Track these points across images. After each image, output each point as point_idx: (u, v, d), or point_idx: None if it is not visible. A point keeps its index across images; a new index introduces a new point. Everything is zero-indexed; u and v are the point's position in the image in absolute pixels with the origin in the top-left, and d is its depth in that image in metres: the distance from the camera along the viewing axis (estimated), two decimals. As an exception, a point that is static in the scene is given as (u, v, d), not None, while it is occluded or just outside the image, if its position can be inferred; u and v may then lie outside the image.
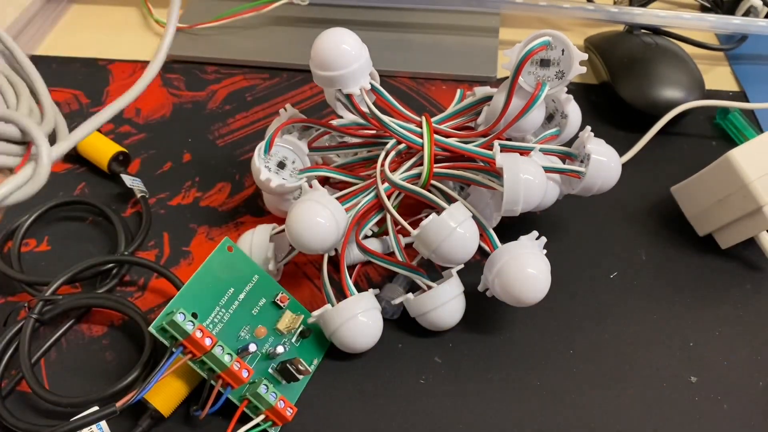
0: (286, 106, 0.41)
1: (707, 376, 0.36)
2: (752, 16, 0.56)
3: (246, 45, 0.56)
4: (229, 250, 0.36)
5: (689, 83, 0.49)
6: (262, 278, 0.37)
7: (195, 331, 0.31)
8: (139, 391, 0.31)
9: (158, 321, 0.32)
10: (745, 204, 0.38)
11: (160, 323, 0.32)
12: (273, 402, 0.33)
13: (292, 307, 0.37)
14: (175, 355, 0.32)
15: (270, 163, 0.38)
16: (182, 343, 0.32)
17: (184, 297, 0.33)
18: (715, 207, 0.40)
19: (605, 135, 0.41)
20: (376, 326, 0.36)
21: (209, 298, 0.34)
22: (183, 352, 0.32)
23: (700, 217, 0.42)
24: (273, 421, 0.33)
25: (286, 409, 0.33)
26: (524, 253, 0.34)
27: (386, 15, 0.59)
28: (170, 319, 0.31)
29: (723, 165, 0.39)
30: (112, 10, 0.61)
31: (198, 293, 0.34)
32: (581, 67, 0.36)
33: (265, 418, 0.33)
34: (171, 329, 0.31)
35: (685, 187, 0.42)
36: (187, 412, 0.34)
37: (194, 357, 0.32)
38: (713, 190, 0.40)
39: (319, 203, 0.34)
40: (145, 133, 0.49)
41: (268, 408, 0.33)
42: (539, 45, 0.36)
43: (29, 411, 0.35)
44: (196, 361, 0.32)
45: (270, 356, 0.35)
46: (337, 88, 0.36)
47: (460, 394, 0.36)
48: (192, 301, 0.34)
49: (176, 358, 0.32)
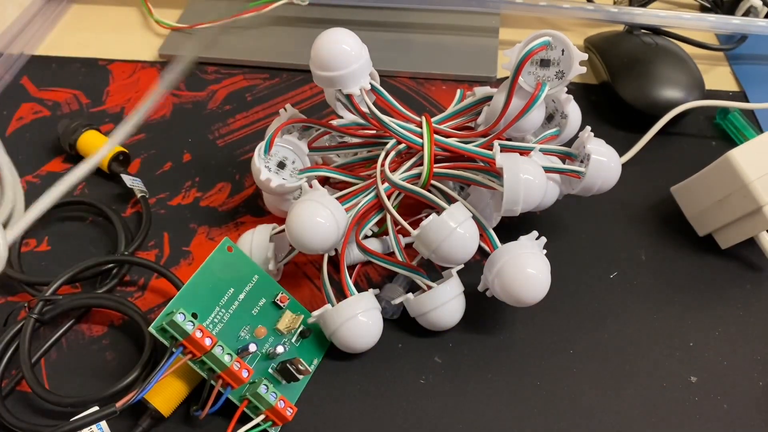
0: (286, 106, 0.41)
1: (707, 376, 0.36)
2: (752, 16, 0.56)
3: (246, 45, 0.56)
4: (228, 250, 0.36)
5: (689, 83, 0.49)
6: (262, 278, 0.37)
7: (195, 331, 0.31)
8: (139, 392, 0.31)
9: (158, 321, 0.32)
10: (745, 204, 0.38)
11: (160, 323, 0.32)
12: (273, 402, 0.33)
13: (292, 307, 0.37)
14: (175, 355, 0.32)
15: (270, 163, 0.38)
16: (182, 343, 0.32)
17: (184, 297, 0.33)
18: (715, 207, 0.40)
19: (605, 135, 0.41)
20: (376, 326, 0.36)
21: (209, 299, 0.34)
22: (183, 352, 0.32)
23: (700, 217, 0.42)
24: (273, 421, 0.33)
25: (286, 409, 0.33)
26: (524, 253, 0.34)
27: (386, 15, 0.59)
28: (170, 320, 0.31)
29: (723, 165, 0.39)
30: (112, 10, 0.61)
31: (198, 293, 0.34)
32: (581, 67, 0.36)
33: (265, 418, 0.33)
34: (171, 329, 0.31)
35: (685, 187, 0.42)
36: (187, 412, 0.34)
37: (194, 357, 0.32)
38: (713, 190, 0.40)
39: (319, 203, 0.34)
40: (145, 133, 0.49)
41: (268, 408, 0.33)
42: (539, 45, 0.36)
43: (29, 411, 0.35)
44: (196, 361, 0.32)
45: (270, 356, 0.35)
46: (337, 88, 0.36)
47: (460, 394, 0.36)
48: (192, 301, 0.34)
49: (176, 358, 0.32)
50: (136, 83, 0.53)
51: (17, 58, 0.55)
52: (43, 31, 0.58)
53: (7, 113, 0.51)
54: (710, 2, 0.60)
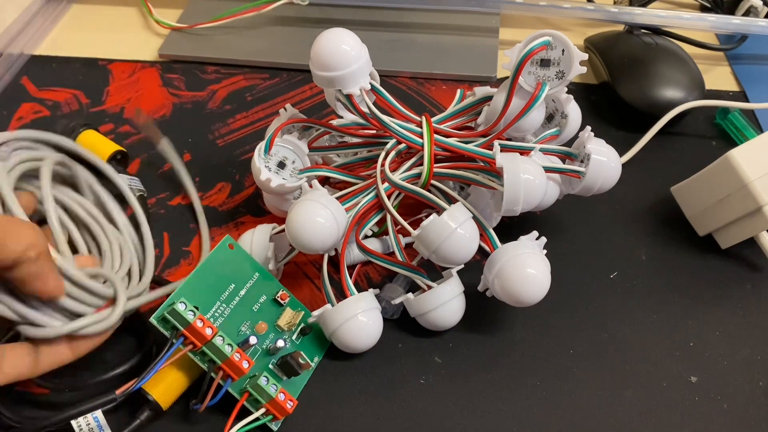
0: (286, 106, 0.41)
1: (707, 376, 0.36)
2: (752, 16, 0.56)
3: (246, 45, 0.56)
4: (230, 247, 0.36)
5: (689, 83, 0.49)
6: (263, 276, 0.37)
7: (196, 320, 0.32)
8: (140, 380, 0.31)
9: (160, 311, 0.32)
10: (746, 204, 0.38)
11: (162, 313, 0.32)
12: (273, 394, 0.32)
13: (292, 305, 0.37)
14: (176, 346, 0.32)
15: (270, 163, 0.38)
16: (183, 333, 0.32)
17: (186, 290, 0.34)
18: (715, 207, 0.40)
19: (605, 135, 0.41)
20: (376, 326, 0.36)
21: (210, 293, 0.35)
22: (183, 343, 0.32)
23: (700, 217, 0.42)
24: (273, 415, 0.33)
25: (287, 402, 0.33)
26: (524, 253, 0.34)
27: (386, 15, 0.59)
28: (171, 309, 0.31)
29: (723, 165, 0.39)
30: (112, 10, 0.61)
31: (199, 288, 0.34)
32: (581, 67, 0.36)
33: (265, 411, 0.33)
34: (172, 318, 0.32)
35: (685, 187, 0.42)
36: (185, 406, 0.34)
37: (195, 348, 0.32)
38: (713, 190, 0.40)
39: (319, 203, 0.34)
40: (145, 133, 0.49)
41: (269, 400, 0.33)
42: (539, 45, 0.36)
43: (28, 407, 0.35)
44: (197, 352, 0.32)
45: (271, 352, 0.35)
46: (337, 88, 0.36)
47: (460, 394, 0.36)
48: (193, 295, 0.34)
49: (176, 349, 0.32)
50: (136, 83, 0.53)
51: (17, 58, 0.55)
52: (43, 31, 0.58)
53: (7, 113, 0.51)
54: (710, 2, 0.60)
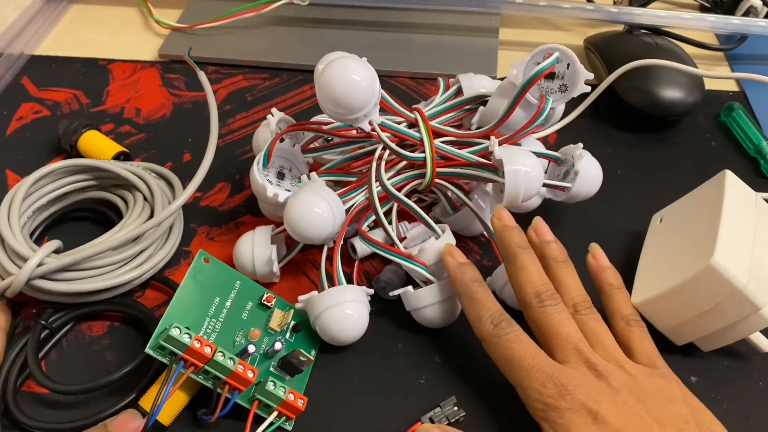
0: (272, 110, 0.41)
1: (707, 376, 0.36)
2: (752, 16, 0.56)
3: (246, 45, 0.56)
4: (205, 261, 0.36)
5: (689, 83, 0.49)
6: (244, 283, 0.37)
7: (193, 342, 0.31)
8: (151, 414, 0.31)
9: (153, 340, 0.31)
10: (741, 310, 0.33)
11: (156, 342, 0.31)
12: (283, 396, 0.32)
13: (279, 305, 0.37)
14: (177, 371, 0.31)
15: (270, 176, 0.38)
16: (183, 357, 0.31)
17: (173, 313, 0.33)
18: (698, 318, 0.35)
19: (605, 135, 0.41)
20: (360, 318, 0.35)
21: (197, 311, 0.34)
22: (185, 366, 0.31)
23: (679, 329, 0.36)
24: (286, 416, 0.33)
25: (297, 401, 0.33)
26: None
27: (386, 15, 0.59)
28: (166, 335, 0.31)
29: (705, 275, 0.33)
30: (112, 10, 0.61)
31: (185, 308, 0.34)
32: (586, 87, 0.37)
33: (278, 414, 0.33)
34: (169, 345, 0.31)
35: (655, 301, 0.35)
36: (191, 417, 0.34)
37: (197, 369, 0.32)
38: (695, 302, 0.34)
39: (317, 194, 0.35)
40: (145, 133, 0.49)
41: (280, 403, 0.33)
42: (550, 65, 0.37)
43: (41, 408, 0.35)
44: (199, 372, 0.32)
45: (269, 355, 0.35)
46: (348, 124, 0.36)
47: (460, 394, 0.35)
48: (181, 317, 0.33)
49: (179, 374, 0.31)
50: (136, 83, 0.53)
51: (17, 58, 0.55)
52: (43, 31, 0.58)
53: (7, 113, 0.51)
54: (710, 2, 0.60)
